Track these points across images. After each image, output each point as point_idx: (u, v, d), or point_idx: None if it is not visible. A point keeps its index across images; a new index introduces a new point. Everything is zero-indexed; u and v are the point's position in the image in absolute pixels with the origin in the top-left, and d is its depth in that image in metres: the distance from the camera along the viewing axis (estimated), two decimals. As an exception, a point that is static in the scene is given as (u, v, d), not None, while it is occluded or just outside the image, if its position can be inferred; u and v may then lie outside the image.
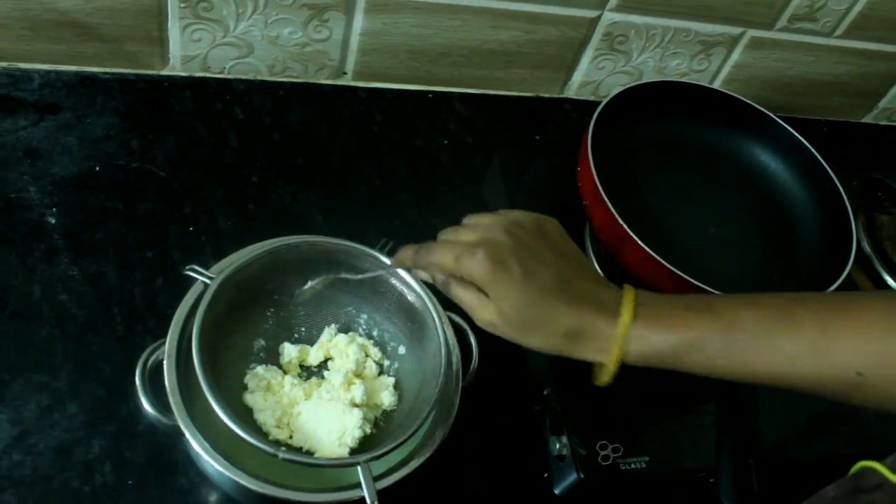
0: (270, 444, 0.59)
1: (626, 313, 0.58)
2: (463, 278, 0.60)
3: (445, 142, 0.99)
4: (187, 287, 0.66)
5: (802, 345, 0.56)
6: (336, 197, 0.89)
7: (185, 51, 0.91)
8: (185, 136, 0.88)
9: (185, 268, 0.66)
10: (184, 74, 0.94)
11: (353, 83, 1.01)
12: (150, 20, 0.87)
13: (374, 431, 0.68)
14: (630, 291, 0.60)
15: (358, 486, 0.58)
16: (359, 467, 0.59)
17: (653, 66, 1.09)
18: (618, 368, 0.59)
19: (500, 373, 0.76)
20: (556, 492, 0.73)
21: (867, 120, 1.28)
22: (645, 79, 1.08)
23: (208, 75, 0.95)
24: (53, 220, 0.78)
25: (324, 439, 0.65)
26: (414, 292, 0.71)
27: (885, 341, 0.54)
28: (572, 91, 1.10)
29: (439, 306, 0.69)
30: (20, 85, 0.86)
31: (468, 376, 0.70)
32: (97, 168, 0.83)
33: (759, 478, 0.64)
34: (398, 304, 0.73)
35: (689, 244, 0.85)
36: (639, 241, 0.73)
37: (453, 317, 0.71)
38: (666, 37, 1.04)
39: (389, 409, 0.70)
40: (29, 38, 0.85)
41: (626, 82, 1.05)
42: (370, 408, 0.69)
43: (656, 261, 0.72)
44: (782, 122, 0.93)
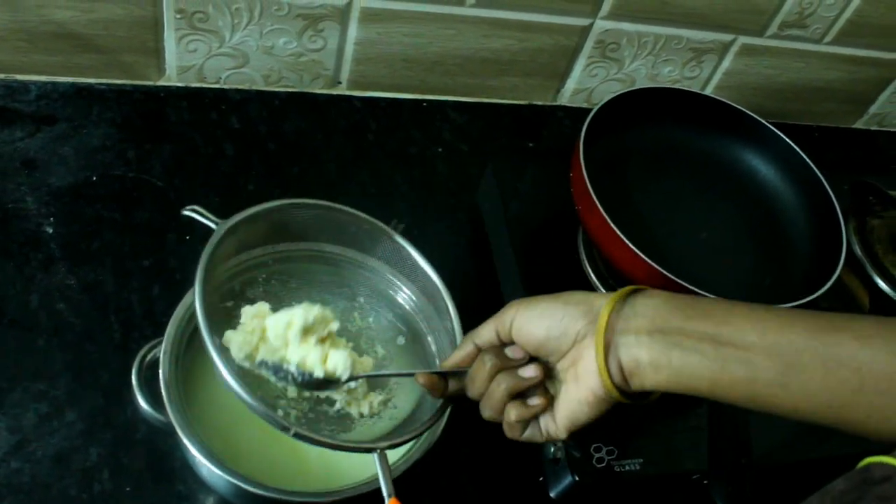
0: (280, 419, 0.56)
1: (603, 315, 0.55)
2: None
3: (440, 150, 1.00)
4: (183, 295, 0.67)
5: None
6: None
7: (181, 61, 0.92)
8: (182, 146, 0.89)
9: (185, 208, 0.64)
10: (180, 85, 0.94)
11: (347, 92, 1.01)
12: (146, 31, 0.87)
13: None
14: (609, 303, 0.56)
15: (351, 488, 0.59)
16: (375, 455, 0.57)
17: (645, 74, 1.10)
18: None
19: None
20: (552, 494, 0.74)
21: (858, 125, 1.29)
22: (637, 86, 1.09)
23: (204, 85, 0.95)
24: (51, 230, 0.78)
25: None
26: (425, 276, 0.68)
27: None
28: (565, 98, 1.11)
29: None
30: (17, 96, 0.87)
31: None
32: (94, 178, 0.83)
33: (753, 479, 0.64)
34: (404, 290, 0.71)
35: (681, 249, 0.86)
36: (631, 246, 0.73)
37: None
38: (658, 44, 1.05)
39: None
40: (26, 49, 0.86)
41: (619, 89, 1.05)
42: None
43: (649, 265, 0.73)
44: (773, 128, 0.94)
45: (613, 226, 0.74)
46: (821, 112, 1.24)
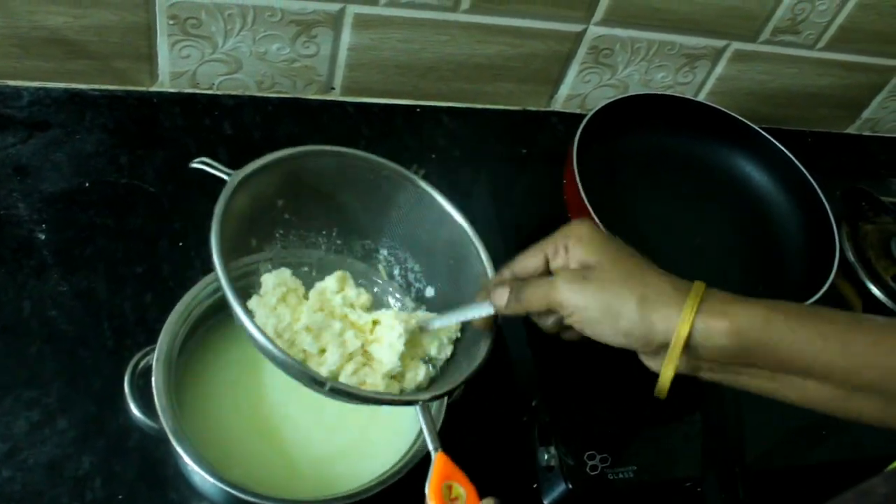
0: (315, 373, 0.53)
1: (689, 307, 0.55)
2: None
3: (433, 156, 1.00)
4: (176, 301, 0.67)
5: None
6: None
7: (174, 67, 0.92)
8: (175, 152, 0.89)
9: (195, 160, 0.61)
10: (173, 91, 0.94)
11: (341, 98, 1.01)
12: (139, 37, 0.87)
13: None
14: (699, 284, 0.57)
15: (344, 496, 0.59)
16: (417, 407, 0.54)
17: (638, 79, 1.10)
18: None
19: (487, 385, 0.76)
20: (546, 502, 0.73)
21: (851, 131, 1.30)
22: (631, 91, 1.09)
23: (197, 91, 0.95)
24: (43, 237, 0.78)
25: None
26: (453, 222, 0.65)
27: None
28: (559, 104, 1.11)
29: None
30: (9, 102, 0.87)
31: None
32: (87, 184, 0.83)
33: (745, 486, 0.65)
34: (431, 238, 0.67)
35: (674, 255, 0.86)
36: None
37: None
38: (651, 50, 1.05)
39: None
40: (18, 55, 0.86)
41: (612, 95, 1.06)
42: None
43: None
44: (766, 134, 0.94)
45: (607, 233, 0.74)
46: (814, 118, 1.24)
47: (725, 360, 0.55)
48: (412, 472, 0.63)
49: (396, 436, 0.67)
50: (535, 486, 0.75)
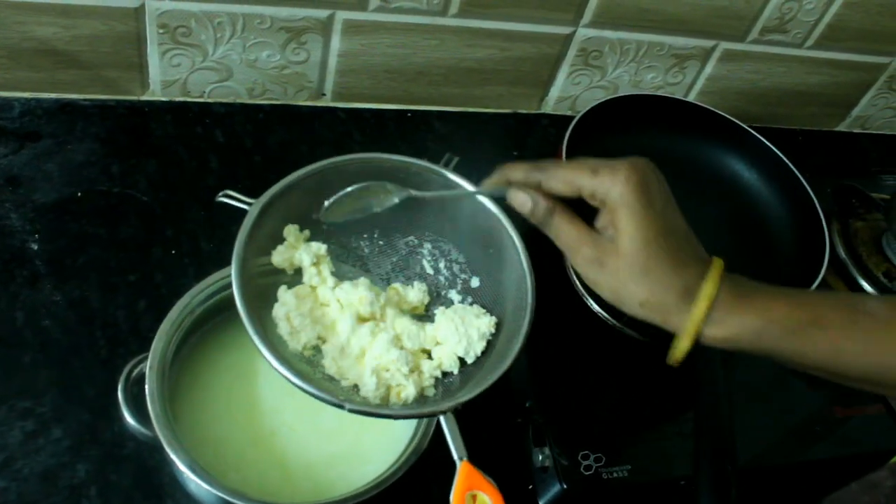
0: (334, 395, 0.53)
1: (715, 270, 0.56)
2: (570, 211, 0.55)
3: (425, 160, 1.00)
4: (169, 309, 0.67)
5: None
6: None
7: (165, 76, 0.92)
8: (166, 160, 0.89)
9: (220, 194, 0.62)
10: (164, 99, 0.94)
11: (332, 104, 1.02)
12: (130, 46, 0.88)
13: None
14: (718, 260, 0.58)
15: (339, 501, 0.59)
16: (441, 418, 0.53)
17: (628, 80, 1.10)
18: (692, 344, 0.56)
19: (482, 387, 0.76)
20: (541, 503, 0.74)
21: (841, 128, 1.30)
22: (621, 92, 1.10)
23: (188, 99, 0.95)
24: (36, 247, 0.78)
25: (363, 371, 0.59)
26: (487, 212, 0.64)
27: None
28: (549, 106, 1.12)
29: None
30: (1, 113, 0.87)
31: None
32: (78, 194, 0.83)
33: (738, 484, 0.65)
34: (468, 228, 0.66)
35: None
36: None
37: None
38: (640, 51, 1.06)
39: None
40: (8, 66, 0.86)
41: (603, 97, 1.07)
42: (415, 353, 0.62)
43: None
44: (755, 133, 0.95)
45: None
46: (804, 116, 1.25)
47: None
48: (405, 476, 0.63)
49: (390, 441, 0.67)
50: (530, 486, 0.75)
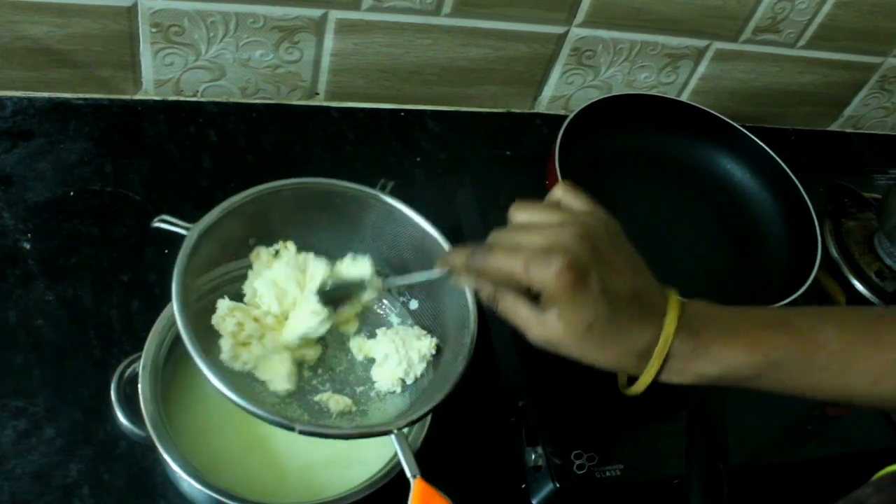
0: (283, 417, 0.54)
1: (668, 326, 0.54)
2: (515, 290, 0.54)
3: (418, 159, 1.00)
4: (162, 309, 0.67)
5: (887, 366, 0.54)
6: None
7: (158, 75, 0.92)
8: (159, 160, 0.89)
9: (155, 219, 0.62)
10: (157, 98, 0.94)
11: (325, 103, 1.02)
12: (122, 46, 0.87)
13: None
14: (674, 305, 0.55)
15: (332, 500, 0.59)
16: (393, 436, 0.54)
17: (621, 80, 1.11)
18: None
19: (474, 385, 0.76)
20: (534, 502, 0.74)
21: (833, 128, 1.30)
22: (614, 92, 1.10)
23: (181, 98, 0.95)
24: (28, 246, 0.78)
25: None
26: (426, 234, 0.65)
27: None
28: (543, 106, 1.12)
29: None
30: (-7, 112, 0.87)
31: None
32: (71, 193, 0.83)
33: (730, 483, 0.65)
34: (408, 251, 0.67)
35: (657, 254, 0.86)
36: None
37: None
38: (633, 51, 1.06)
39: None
40: (1, 65, 0.86)
41: (596, 96, 1.06)
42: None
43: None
44: (747, 133, 0.95)
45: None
46: (796, 115, 1.25)
47: None
48: (398, 477, 0.63)
49: (383, 443, 0.67)
50: (523, 486, 0.75)
